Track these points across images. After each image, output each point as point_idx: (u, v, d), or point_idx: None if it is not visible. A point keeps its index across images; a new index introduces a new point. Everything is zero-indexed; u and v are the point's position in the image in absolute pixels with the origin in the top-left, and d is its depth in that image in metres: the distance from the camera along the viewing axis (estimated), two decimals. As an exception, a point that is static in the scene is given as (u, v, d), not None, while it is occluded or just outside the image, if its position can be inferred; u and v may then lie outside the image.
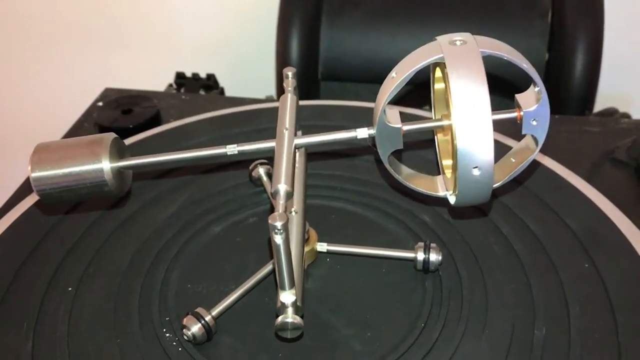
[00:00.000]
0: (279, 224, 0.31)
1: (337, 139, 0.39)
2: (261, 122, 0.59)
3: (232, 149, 0.39)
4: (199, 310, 0.38)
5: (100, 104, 0.65)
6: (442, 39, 0.36)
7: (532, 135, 0.38)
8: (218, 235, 0.46)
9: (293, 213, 0.42)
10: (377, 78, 0.82)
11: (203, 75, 0.74)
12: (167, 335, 0.39)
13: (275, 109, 0.63)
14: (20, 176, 0.60)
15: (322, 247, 0.43)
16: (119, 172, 0.39)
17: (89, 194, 0.39)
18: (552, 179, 0.50)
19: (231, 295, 0.40)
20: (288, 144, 0.39)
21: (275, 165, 0.37)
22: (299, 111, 0.44)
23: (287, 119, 0.41)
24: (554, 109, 0.74)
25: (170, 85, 0.74)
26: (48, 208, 0.48)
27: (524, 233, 0.45)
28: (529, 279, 0.42)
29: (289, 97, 0.43)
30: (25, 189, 0.53)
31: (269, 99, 0.80)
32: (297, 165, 0.45)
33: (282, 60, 0.78)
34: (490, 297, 0.40)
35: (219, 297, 0.40)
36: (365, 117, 0.37)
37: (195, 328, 0.37)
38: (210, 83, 0.72)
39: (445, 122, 0.37)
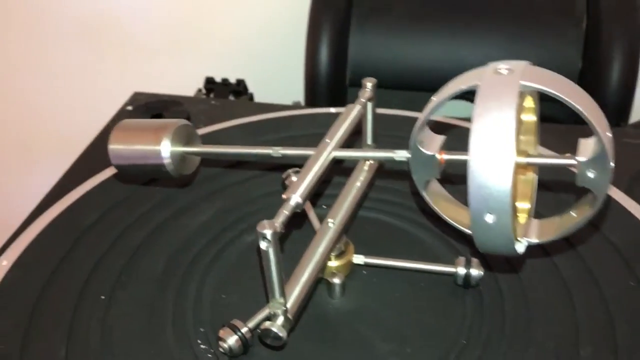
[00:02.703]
0: (267, 232, 0.31)
1: (375, 157, 0.39)
2: (292, 129, 0.59)
3: (276, 151, 0.40)
4: (235, 322, 0.37)
5: (130, 108, 0.65)
6: (491, 66, 0.33)
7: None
8: (251, 245, 0.45)
9: (329, 224, 0.41)
10: (406, 85, 0.81)
11: (233, 80, 0.74)
12: (202, 346, 0.38)
13: (305, 117, 0.63)
14: (49, 179, 0.59)
15: (358, 259, 0.42)
16: (179, 156, 0.43)
17: (152, 172, 0.44)
18: (593, 192, 0.49)
19: (267, 307, 0.39)
20: (324, 155, 0.39)
21: (300, 174, 0.37)
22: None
23: (340, 130, 0.40)
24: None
25: (200, 90, 0.74)
26: (124, 178, 0.51)
27: (565, 247, 0.44)
28: (571, 294, 0.40)
29: (355, 109, 0.42)
30: (55, 192, 0.52)
31: (296, 105, 0.79)
32: (360, 178, 0.45)
33: (312, 66, 0.77)
34: (533, 313, 0.39)
35: (255, 308, 0.39)
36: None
37: (232, 340, 0.36)
38: (239, 89, 0.72)
39: None
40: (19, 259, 0.44)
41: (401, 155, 0.37)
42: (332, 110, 0.62)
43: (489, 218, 0.31)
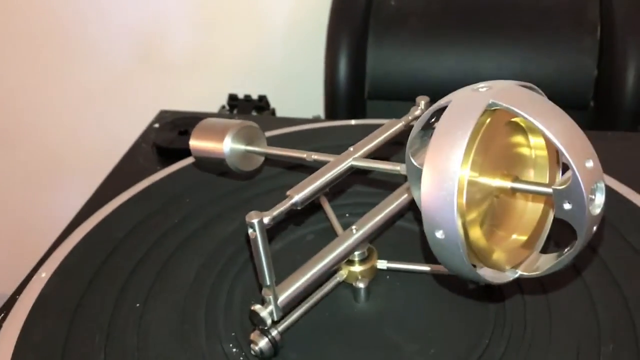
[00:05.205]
0: (254, 222, 0.35)
1: (384, 169, 0.40)
2: (316, 142, 0.60)
3: (309, 157, 0.45)
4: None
5: (157, 125, 0.67)
6: (478, 85, 0.32)
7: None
8: (279, 252, 0.47)
9: (353, 230, 0.43)
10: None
11: (255, 96, 0.76)
12: (234, 350, 0.39)
13: (326, 129, 0.64)
14: (78, 194, 0.61)
15: (382, 264, 0.44)
16: (240, 153, 0.48)
17: (219, 166, 0.49)
18: (611, 196, 0.49)
19: (296, 310, 0.40)
20: (342, 163, 0.40)
21: (311, 176, 0.39)
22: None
23: (369, 142, 0.42)
24: (605, 126, 0.74)
25: (223, 106, 0.76)
26: (202, 169, 0.55)
27: (585, 250, 0.44)
28: (592, 297, 0.41)
29: (396, 125, 0.45)
30: (88, 206, 0.55)
31: (316, 119, 0.81)
32: (405, 195, 0.45)
33: (331, 81, 0.79)
34: (554, 315, 0.40)
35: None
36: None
37: (263, 343, 0.38)
38: (262, 104, 0.74)
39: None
40: (57, 269, 0.46)
41: (404, 168, 0.37)
42: (353, 122, 0.64)
43: (439, 234, 0.30)
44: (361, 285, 0.42)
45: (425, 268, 0.44)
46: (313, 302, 0.41)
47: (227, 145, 0.48)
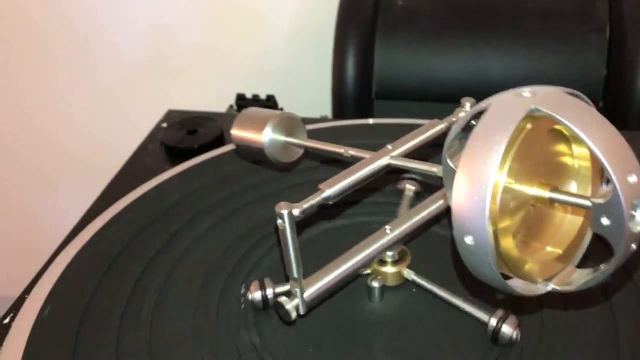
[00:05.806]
0: (283, 212, 0.33)
1: (419, 169, 0.39)
2: (338, 141, 0.59)
3: (347, 152, 0.43)
4: (266, 280, 0.40)
5: (165, 125, 0.67)
6: (521, 89, 0.31)
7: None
8: (329, 231, 0.48)
9: (387, 230, 0.41)
10: (430, 96, 0.81)
11: (263, 96, 0.75)
12: (242, 290, 0.43)
13: (336, 128, 0.64)
14: (85, 195, 0.61)
15: (408, 274, 0.42)
16: (279, 144, 0.48)
17: (258, 155, 0.49)
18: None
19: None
20: (378, 160, 0.40)
21: (346, 171, 0.38)
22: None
23: (407, 140, 0.41)
24: (614, 126, 0.73)
25: (231, 106, 0.75)
26: (242, 157, 0.56)
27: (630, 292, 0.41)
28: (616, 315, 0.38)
29: (437, 127, 0.43)
30: (96, 207, 0.54)
31: (323, 119, 0.80)
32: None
33: (338, 81, 0.79)
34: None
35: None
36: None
37: (256, 295, 0.40)
38: (270, 104, 0.74)
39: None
40: (65, 269, 0.45)
41: (441, 170, 0.35)
42: (371, 121, 0.63)
43: (469, 240, 0.29)
44: (375, 284, 0.41)
45: (444, 294, 0.41)
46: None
47: (266, 136, 0.47)
